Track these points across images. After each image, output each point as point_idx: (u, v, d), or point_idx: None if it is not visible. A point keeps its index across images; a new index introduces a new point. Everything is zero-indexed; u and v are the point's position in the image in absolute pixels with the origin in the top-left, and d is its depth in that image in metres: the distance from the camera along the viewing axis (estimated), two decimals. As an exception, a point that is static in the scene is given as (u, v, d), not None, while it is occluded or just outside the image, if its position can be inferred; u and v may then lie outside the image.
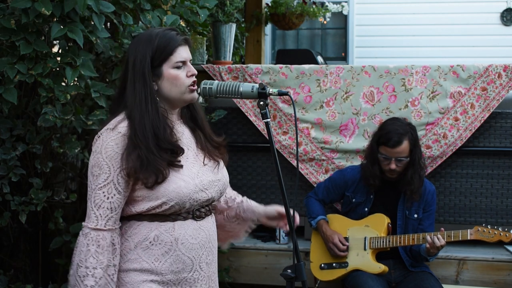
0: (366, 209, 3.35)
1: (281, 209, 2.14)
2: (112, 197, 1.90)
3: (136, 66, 1.95)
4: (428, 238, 3.08)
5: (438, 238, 3.06)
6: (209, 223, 2.05)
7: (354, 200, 3.39)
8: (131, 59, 1.97)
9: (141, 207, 1.94)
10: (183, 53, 1.98)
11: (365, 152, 3.43)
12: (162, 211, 1.94)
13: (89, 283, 1.88)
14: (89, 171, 1.92)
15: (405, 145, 3.16)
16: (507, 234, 3.03)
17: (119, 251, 1.95)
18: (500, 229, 3.05)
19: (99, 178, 1.90)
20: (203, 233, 2.01)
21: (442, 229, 3.13)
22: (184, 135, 2.06)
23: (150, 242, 1.95)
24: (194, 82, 1.99)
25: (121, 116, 1.95)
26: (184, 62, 1.99)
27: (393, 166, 3.18)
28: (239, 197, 2.28)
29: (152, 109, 1.94)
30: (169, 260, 1.96)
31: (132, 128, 1.91)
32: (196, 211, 1.99)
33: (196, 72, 2.00)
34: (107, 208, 1.90)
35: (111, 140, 1.90)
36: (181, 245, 1.96)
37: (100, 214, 1.90)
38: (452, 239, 3.08)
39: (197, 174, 2.00)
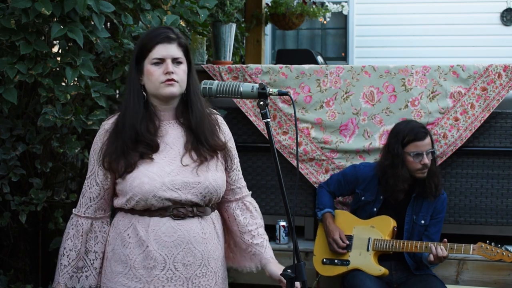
0: (375, 209, 3.33)
1: (283, 279, 1.98)
2: (91, 188, 2.09)
3: (131, 63, 2.10)
4: (433, 249, 3.06)
5: (441, 249, 3.06)
6: (193, 225, 2.04)
7: (363, 198, 3.37)
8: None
9: (118, 202, 2.08)
10: (162, 51, 2.03)
11: (386, 161, 3.26)
12: (132, 206, 2.02)
13: (63, 262, 2.08)
14: None
15: (429, 136, 3.23)
16: (510, 255, 3.03)
17: (103, 239, 2.09)
18: (503, 248, 3.06)
19: (88, 170, 2.10)
20: (180, 233, 2.02)
21: (445, 240, 3.12)
22: (169, 134, 2.07)
23: (128, 235, 2.03)
24: (169, 79, 2.02)
25: (117, 112, 2.12)
26: (162, 60, 2.03)
27: (426, 160, 3.17)
28: (257, 239, 2.23)
29: (136, 102, 2.04)
30: (142, 254, 2.01)
31: (115, 122, 2.07)
32: (173, 209, 2.02)
33: (171, 70, 2.02)
34: (87, 197, 2.10)
35: (98, 135, 2.09)
36: (154, 241, 2.00)
37: (82, 202, 2.11)
38: (455, 252, 3.11)
39: (169, 173, 2.00)
